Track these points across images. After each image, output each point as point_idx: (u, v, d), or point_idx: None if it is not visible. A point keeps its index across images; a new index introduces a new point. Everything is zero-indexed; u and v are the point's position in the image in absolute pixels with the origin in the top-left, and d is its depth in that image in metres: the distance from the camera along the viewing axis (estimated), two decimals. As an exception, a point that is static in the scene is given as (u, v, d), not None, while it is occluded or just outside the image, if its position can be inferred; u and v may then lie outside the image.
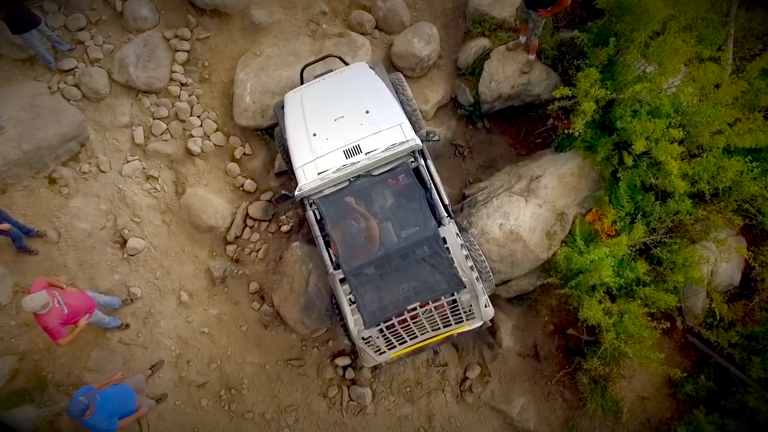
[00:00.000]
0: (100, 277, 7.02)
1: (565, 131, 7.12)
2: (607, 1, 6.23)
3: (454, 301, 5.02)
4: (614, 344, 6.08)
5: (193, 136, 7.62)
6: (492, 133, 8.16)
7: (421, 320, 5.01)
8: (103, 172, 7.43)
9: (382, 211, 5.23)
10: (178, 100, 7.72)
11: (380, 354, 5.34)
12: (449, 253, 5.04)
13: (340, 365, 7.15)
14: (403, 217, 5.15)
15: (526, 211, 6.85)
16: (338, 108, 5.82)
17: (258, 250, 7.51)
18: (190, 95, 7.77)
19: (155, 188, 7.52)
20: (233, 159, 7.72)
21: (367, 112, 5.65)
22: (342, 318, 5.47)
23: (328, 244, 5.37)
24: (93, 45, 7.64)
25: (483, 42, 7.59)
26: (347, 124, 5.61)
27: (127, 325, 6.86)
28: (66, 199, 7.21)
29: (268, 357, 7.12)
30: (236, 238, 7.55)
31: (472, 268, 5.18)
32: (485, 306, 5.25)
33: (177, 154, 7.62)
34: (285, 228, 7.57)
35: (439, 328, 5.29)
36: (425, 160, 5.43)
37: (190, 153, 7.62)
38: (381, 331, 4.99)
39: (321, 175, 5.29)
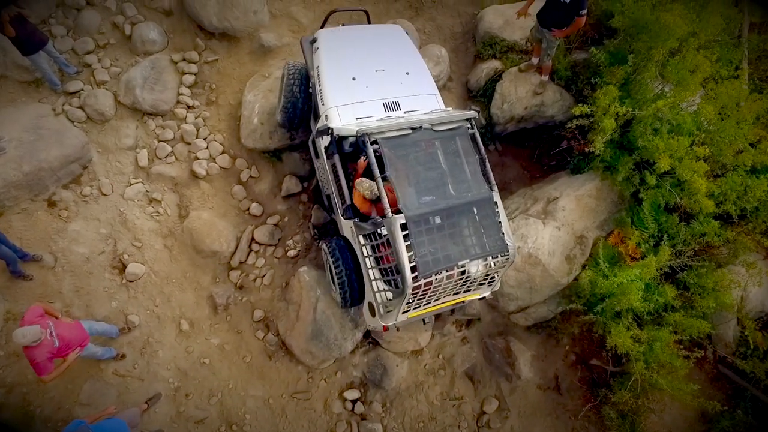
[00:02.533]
0: (97, 304, 6.66)
1: (581, 152, 7.00)
2: (622, 20, 6.14)
3: (487, 266, 4.97)
4: (644, 375, 5.68)
5: (198, 159, 7.42)
6: (504, 156, 7.97)
7: (452, 282, 4.93)
8: (104, 195, 7.18)
9: (439, 168, 5.09)
10: (184, 123, 7.56)
11: (404, 313, 5.15)
12: (498, 217, 5.05)
13: (349, 399, 6.71)
14: (461, 176, 5.07)
15: (544, 234, 6.58)
16: (379, 60, 5.81)
17: (263, 276, 7.18)
18: (196, 117, 7.63)
19: (158, 212, 7.26)
20: (239, 182, 7.50)
21: (407, 73, 5.73)
22: (340, 282, 5.57)
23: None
24: (100, 68, 7.55)
25: (494, 64, 7.51)
26: (388, 78, 5.63)
27: (123, 356, 6.45)
28: (65, 223, 6.94)
29: (272, 390, 6.68)
30: (241, 263, 7.23)
31: None
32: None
33: (181, 176, 7.39)
34: (292, 253, 7.27)
35: (459, 293, 5.24)
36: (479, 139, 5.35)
37: (195, 176, 7.41)
38: (418, 287, 4.78)
39: (360, 120, 5.18)
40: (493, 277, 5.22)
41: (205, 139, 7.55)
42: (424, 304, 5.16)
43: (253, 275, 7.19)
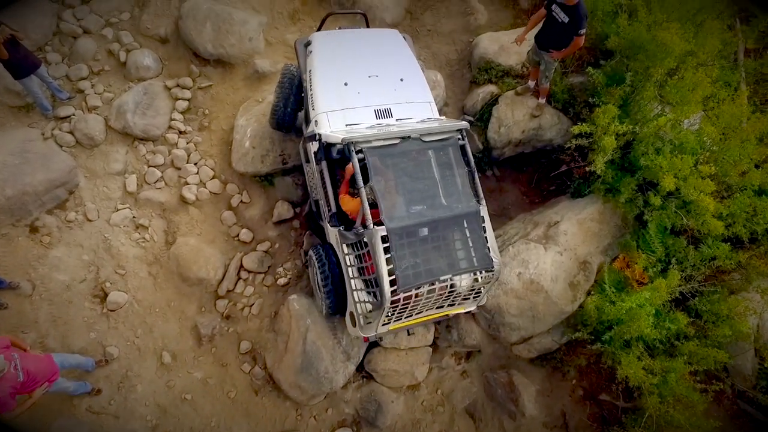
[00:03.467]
0: (74, 335, 6.30)
1: (581, 176, 6.81)
2: (618, 41, 6.08)
3: (475, 280, 4.94)
4: (659, 410, 5.23)
5: (188, 184, 7.23)
6: (502, 181, 7.78)
7: (434, 295, 4.83)
8: (89, 220, 6.94)
9: (426, 179, 4.97)
10: (176, 148, 7.42)
11: (384, 325, 5.07)
12: (485, 232, 4.93)
13: (340, 439, 6.21)
14: (449, 189, 4.97)
15: (546, 259, 6.28)
16: (373, 66, 5.68)
17: (251, 305, 6.83)
18: (188, 143, 7.49)
19: (144, 238, 7.00)
20: (229, 207, 7.27)
21: (402, 80, 5.59)
22: (326, 291, 5.48)
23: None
24: (93, 93, 7.48)
25: (490, 88, 7.44)
26: (381, 84, 5.50)
27: (99, 391, 6.03)
28: (46, 249, 6.66)
29: (258, 428, 6.20)
30: (228, 291, 6.89)
31: None
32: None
33: (170, 202, 7.18)
34: (282, 281, 6.95)
35: (443, 306, 5.18)
36: (470, 151, 5.23)
37: (184, 201, 7.19)
38: (398, 300, 4.68)
39: (350, 127, 5.09)
40: (479, 292, 5.12)
41: (195, 164, 7.39)
42: (406, 317, 5.05)
43: (241, 304, 6.84)
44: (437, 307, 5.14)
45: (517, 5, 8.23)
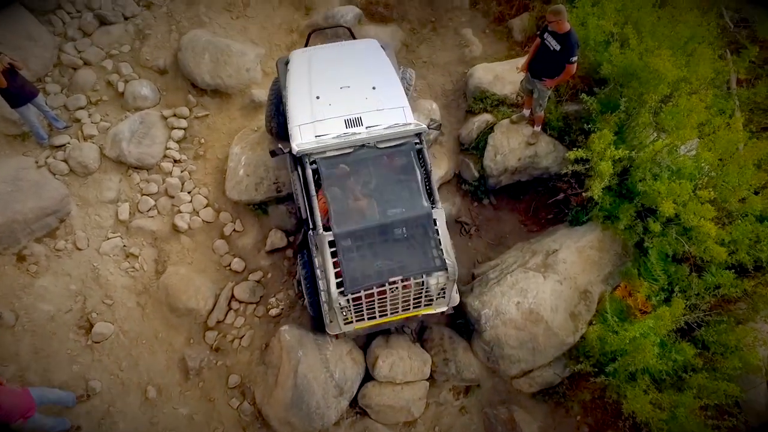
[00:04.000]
0: (56, 368, 6.07)
1: (579, 203, 6.72)
2: (610, 68, 6.12)
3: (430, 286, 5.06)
4: (670, 449, 4.93)
5: (181, 212, 7.14)
6: (499, 210, 7.67)
7: (396, 297, 5.02)
8: (79, 249, 6.82)
9: (379, 185, 5.20)
10: (170, 176, 7.37)
11: (347, 323, 5.27)
12: (438, 234, 5.02)
13: (332, 480, 5.85)
14: (401, 193, 5.17)
15: (545, 288, 6.10)
16: (346, 77, 5.81)
17: (242, 337, 6.59)
18: (182, 171, 7.46)
19: (134, 267, 6.85)
20: (222, 236, 7.15)
21: (374, 88, 5.67)
22: (308, 292, 5.74)
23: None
24: (89, 122, 7.52)
25: (486, 117, 7.45)
26: (352, 94, 5.62)
27: (78, 428, 5.75)
28: (33, 278, 6.52)
29: (244, 469, 5.86)
30: (218, 322, 6.68)
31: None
32: (454, 292, 5.44)
33: (162, 230, 7.07)
34: (274, 311, 6.74)
35: (409, 308, 5.31)
36: (427, 154, 5.41)
37: (176, 230, 7.08)
38: (357, 300, 4.91)
39: (319, 138, 5.22)
40: (442, 295, 5.24)
41: (189, 192, 7.33)
42: (370, 317, 5.22)
43: (231, 336, 6.61)
44: (404, 309, 5.29)
45: (511, 38, 8.36)
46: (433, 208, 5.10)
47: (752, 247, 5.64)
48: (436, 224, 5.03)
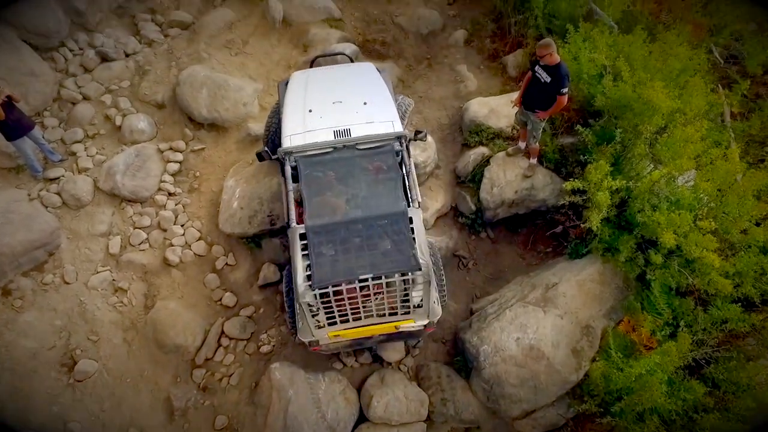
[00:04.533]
0: (34, 409, 5.80)
1: (578, 236, 6.60)
2: (604, 100, 6.14)
3: (405, 288, 4.91)
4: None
5: (173, 245, 7.02)
6: (497, 243, 7.54)
7: (368, 300, 4.90)
8: (66, 283, 6.66)
9: (357, 184, 5.25)
10: (163, 209, 7.30)
11: (319, 328, 5.09)
12: (413, 233, 4.91)
13: None
14: (377, 192, 5.20)
15: (545, 323, 5.89)
16: (339, 94, 5.99)
17: (230, 375, 6.33)
18: (176, 204, 7.39)
19: (122, 302, 6.67)
20: (214, 270, 6.99)
21: (365, 103, 5.80)
22: (288, 306, 5.55)
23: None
24: (85, 156, 7.53)
25: (481, 150, 7.44)
26: (344, 108, 5.76)
27: (53, 474, 5.40)
28: (17, 313, 6.33)
29: None
30: (207, 360, 6.43)
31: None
32: (434, 302, 5.23)
33: (153, 264, 6.92)
34: (265, 348, 6.50)
35: (385, 314, 5.12)
36: (408, 157, 5.47)
37: (167, 263, 6.94)
38: (326, 297, 4.74)
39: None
40: (420, 304, 5.07)
41: (182, 225, 7.24)
42: (344, 321, 5.05)
43: (220, 374, 6.35)
44: (380, 315, 5.11)
45: (506, 73, 8.49)
46: (409, 207, 5.07)
47: (758, 280, 5.47)
48: (411, 223, 4.96)
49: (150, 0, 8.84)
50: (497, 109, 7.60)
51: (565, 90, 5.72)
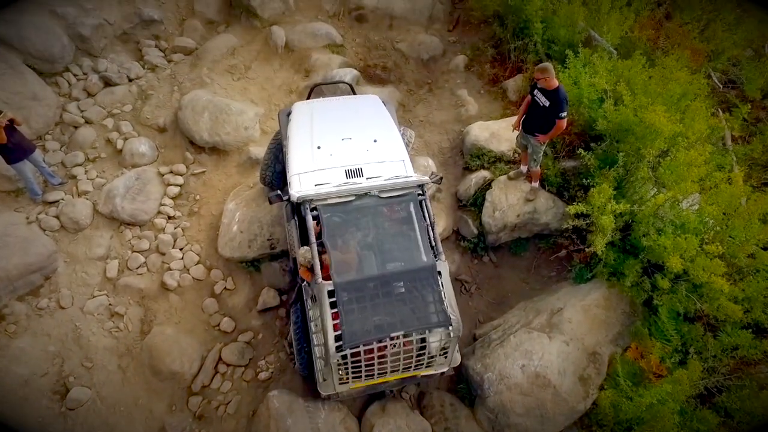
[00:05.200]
0: (24, 439, 5.59)
1: (582, 260, 6.52)
2: (605, 124, 6.15)
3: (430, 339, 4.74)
4: None
5: (171, 269, 6.92)
6: (500, 268, 7.43)
7: (397, 354, 4.73)
8: (62, 308, 6.55)
9: (382, 235, 5.10)
10: (162, 233, 7.23)
11: (342, 384, 4.96)
12: (442, 287, 4.79)
13: None
14: (404, 244, 5.06)
15: (551, 349, 5.75)
16: (347, 129, 5.86)
17: (228, 403, 6.14)
18: (175, 228, 7.32)
19: (118, 327, 6.53)
20: (212, 294, 6.88)
21: (375, 141, 5.70)
22: (298, 347, 5.49)
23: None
24: (85, 179, 7.50)
25: (483, 173, 7.42)
26: (354, 146, 5.64)
27: None
28: (10, 339, 6.19)
29: None
30: (203, 387, 6.25)
31: None
32: (456, 351, 5.15)
33: (150, 288, 6.82)
34: (264, 375, 6.33)
35: (409, 368, 4.97)
36: (429, 206, 5.31)
37: (165, 288, 6.83)
38: (356, 356, 4.60)
39: (319, 186, 5.16)
40: (445, 353, 4.96)
41: (181, 249, 7.16)
42: (367, 376, 4.88)
43: (217, 402, 6.17)
44: (405, 369, 4.94)
45: (506, 98, 8.54)
46: (436, 260, 4.90)
47: (768, 306, 5.37)
48: (440, 276, 4.82)
49: (154, 26, 8.95)
50: (498, 132, 7.61)
51: (564, 114, 5.73)
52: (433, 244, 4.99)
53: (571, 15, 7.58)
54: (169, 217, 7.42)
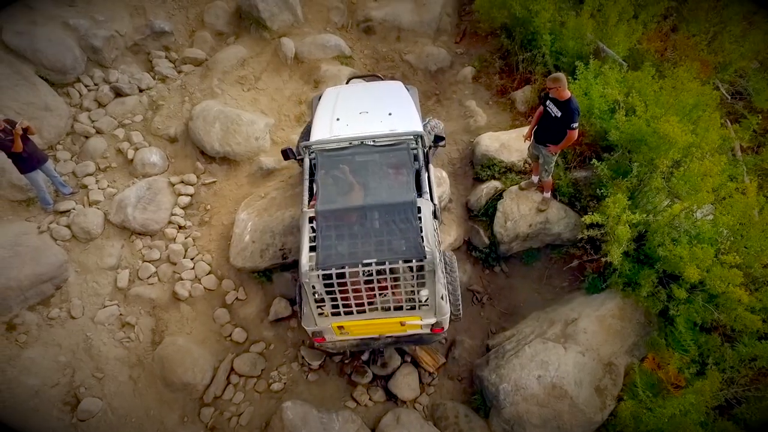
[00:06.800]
0: (34, 451, 5.52)
1: (595, 270, 6.51)
2: (618, 134, 6.17)
3: (412, 271, 4.88)
4: None
5: (182, 279, 6.90)
6: (511, 278, 7.42)
7: (373, 290, 4.88)
8: (73, 318, 6.51)
9: (371, 177, 5.37)
10: (173, 243, 7.23)
11: (322, 316, 5.10)
12: (420, 222, 4.95)
13: None
14: (389, 184, 5.31)
15: (567, 360, 5.72)
16: (366, 105, 6.28)
17: (240, 414, 6.09)
18: (186, 238, 7.32)
19: (129, 337, 6.49)
20: (224, 304, 6.85)
21: (390, 114, 6.05)
22: (300, 301, 5.39)
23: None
24: (96, 188, 7.51)
25: (494, 184, 7.43)
26: (369, 118, 6.01)
27: None
28: (20, 349, 6.15)
29: None
30: (215, 398, 6.20)
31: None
32: (441, 299, 5.08)
33: (161, 299, 6.79)
34: (276, 386, 6.28)
35: (389, 309, 5.10)
36: (424, 157, 5.61)
37: (176, 297, 6.80)
38: (330, 282, 4.75)
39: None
40: (425, 301, 5.04)
41: (192, 259, 7.14)
42: (347, 313, 5.03)
43: (229, 413, 6.12)
44: (385, 309, 5.07)
45: (515, 109, 8.58)
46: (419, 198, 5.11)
47: (787, 315, 5.34)
48: (420, 212, 5.00)
49: (164, 38, 9.03)
50: (508, 143, 7.64)
51: (575, 125, 5.75)
52: (422, 186, 5.28)
53: (580, 27, 7.64)
54: (180, 227, 7.42)
